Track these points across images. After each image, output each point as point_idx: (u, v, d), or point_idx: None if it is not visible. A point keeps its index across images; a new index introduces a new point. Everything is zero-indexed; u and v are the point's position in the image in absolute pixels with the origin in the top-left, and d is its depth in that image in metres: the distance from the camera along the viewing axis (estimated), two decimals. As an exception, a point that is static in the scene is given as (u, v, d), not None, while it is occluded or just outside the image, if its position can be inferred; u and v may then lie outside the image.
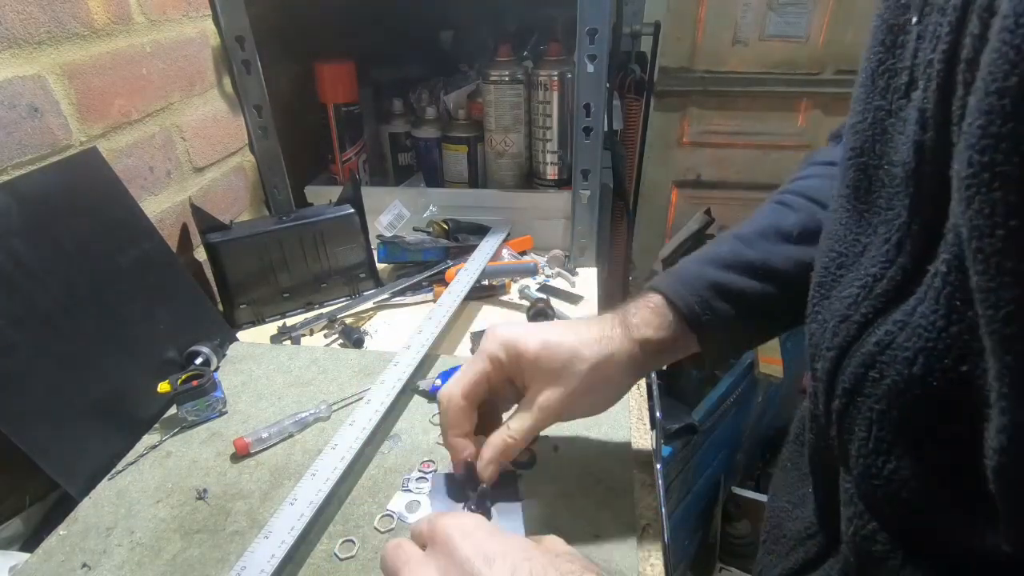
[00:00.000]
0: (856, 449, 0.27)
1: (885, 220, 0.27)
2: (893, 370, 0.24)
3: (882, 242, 0.27)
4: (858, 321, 0.27)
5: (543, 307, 0.76)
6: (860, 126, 0.28)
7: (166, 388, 0.58)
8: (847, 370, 0.27)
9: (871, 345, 0.26)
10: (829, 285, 0.31)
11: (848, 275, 0.29)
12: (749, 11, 1.79)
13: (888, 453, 0.25)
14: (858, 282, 0.28)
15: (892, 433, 0.25)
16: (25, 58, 0.56)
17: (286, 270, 0.79)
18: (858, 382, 0.26)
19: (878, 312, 0.26)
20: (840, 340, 0.28)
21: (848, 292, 0.28)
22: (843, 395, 0.28)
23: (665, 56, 1.83)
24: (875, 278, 0.27)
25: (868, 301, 0.27)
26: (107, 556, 0.47)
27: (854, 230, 0.29)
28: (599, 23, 0.73)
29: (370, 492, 0.52)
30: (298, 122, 1.00)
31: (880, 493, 0.25)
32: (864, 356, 0.26)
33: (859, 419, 0.26)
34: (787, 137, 1.95)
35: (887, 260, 0.26)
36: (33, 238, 0.54)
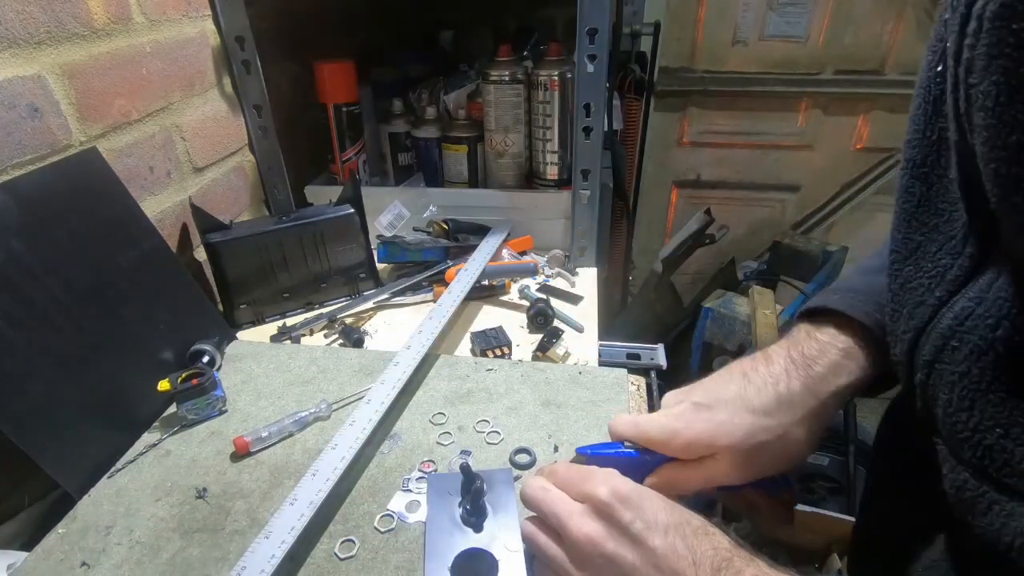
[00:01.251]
0: (942, 411, 0.31)
1: (949, 220, 0.31)
2: (976, 335, 0.28)
3: (947, 238, 0.32)
4: (933, 304, 0.32)
5: (543, 307, 0.76)
6: (921, 142, 0.32)
7: (166, 387, 0.58)
8: (926, 346, 0.32)
9: (949, 320, 0.30)
10: (891, 280, 0.36)
11: (905, 269, 0.34)
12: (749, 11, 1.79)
13: (971, 408, 0.29)
14: (926, 273, 0.33)
15: (972, 391, 0.29)
16: (25, 58, 0.56)
17: (286, 270, 0.79)
18: (938, 352, 0.31)
19: (951, 294, 0.31)
20: (916, 322, 0.33)
21: (917, 283, 0.33)
22: (924, 367, 0.32)
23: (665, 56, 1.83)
24: (945, 268, 0.31)
25: (941, 287, 0.31)
26: (106, 555, 0.47)
27: (903, 230, 0.34)
28: (599, 23, 0.73)
29: (370, 492, 0.52)
30: (298, 122, 1.00)
31: (967, 445, 0.29)
32: (944, 330, 0.30)
33: (942, 384, 0.31)
34: (787, 137, 1.95)
35: (955, 252, 0.31)
36: (33, 238, 0.54)
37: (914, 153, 0.33)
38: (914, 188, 0.33)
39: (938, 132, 0.31)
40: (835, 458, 1.69)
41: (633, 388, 0.63)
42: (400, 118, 1.04)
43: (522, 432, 0.58)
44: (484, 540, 0.43)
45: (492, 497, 0.45)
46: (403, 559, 0.46)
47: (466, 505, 0.44)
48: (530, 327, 0.77)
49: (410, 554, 0.46)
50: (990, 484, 0.29)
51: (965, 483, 0.30)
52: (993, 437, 0.28)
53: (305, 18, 1.02)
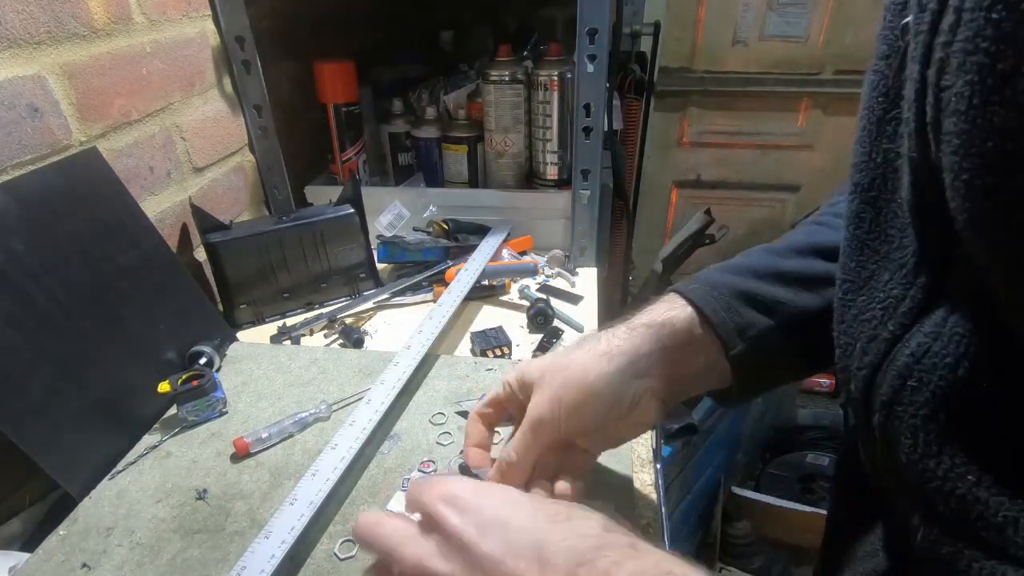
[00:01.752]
0: (905, 457, 0.28)
1: (899, 247, 0.29)
2: (936, 375, 0.26)
3: (898, 267, 0.29)
4: (886, 338, 0.29)
5: (543, 307, 0.76)
6: (867, 165, 0.31)
7: (166, 388, 0.58)
8: (883, 384, 0.29)
9: (905, 356, 0.28)
10: (842, 311, 0.33)
11: (858, 299, 0.32)
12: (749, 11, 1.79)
13: (939, 454, 0.26)
14: (878, 304, 0.30)
15: (939, 435, 0.26)
16: (25, 58, 0.56)
17: (286, 270, 0.79)
18: (896, 393, 0.28)
19: (905, 328, 0.29)
20: (871, 358, 0.30)
21: (869, 315, 0.31)
22: (882, 408, 0.29)
23: (665, 56, 1.83)
24: (897, 299, 0.29)
25: (893, 320, 0.29)
26: (107, 556, 0.47)
27: (855, 258, 0.32)
28: (599, 23, 0.73)
29: (370, 492, 0.52)
30: (298, 122, 1.00)
31: (938, 495, 0.27)
32: (899, 368, 0.28)
33: (903, 428, 0.28)
34: (787, 137, 1.95)
35: (907, 282, 0.29)
36: (33, 238, 0.54)
37: (861, 177, 0.31)
38: (864, 213, 0.31)
39: (883, 154, 0.30)
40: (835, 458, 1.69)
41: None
42: (400, 118, 1.04)
43: (522, 432, 0.58)
44: None
45: None
46: (403, 560, 0.46)
47: None
48: (530, 327, 0.77)
49: (410, 555, 0.46)
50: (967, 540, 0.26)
51: (939, 539, 0.27)
52: (965, 486, 0.25)
53: (305, 18, 1.02)
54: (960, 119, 0.21)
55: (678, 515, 1.41)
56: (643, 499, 0.51)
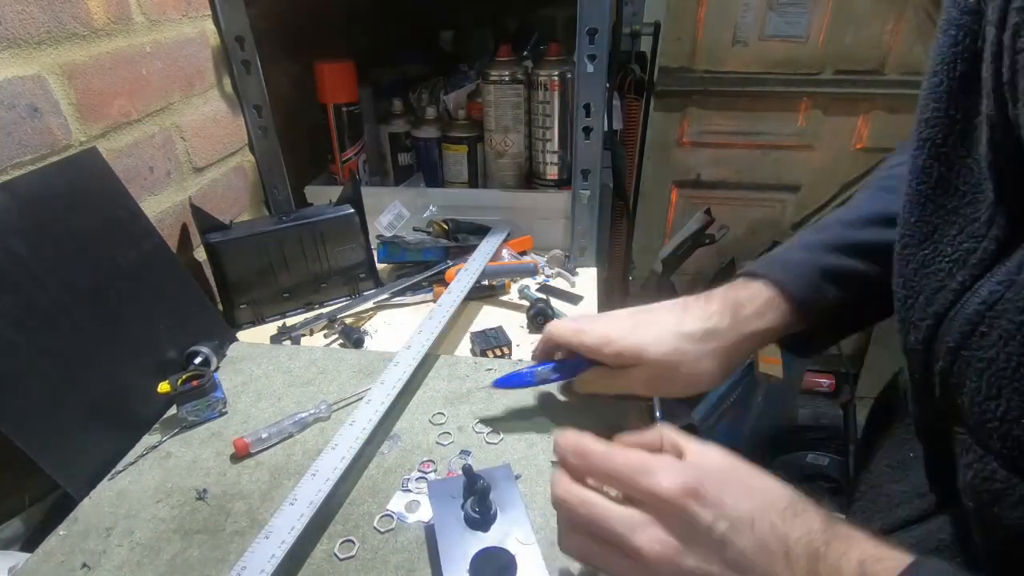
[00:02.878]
0: (968, 399, 0.30)
1: (971, 202, 0.31)
2: (1004, 320, 0.28)
3: (969, 221, 0.31)
4: (954, 289, 0.31)
5: (543, 307, 0.76)
6: (942, 120, 0.31)
7: (166, 388, 0.58)
8: (950, 332, 0.31)
9: (976, 304, 0.29)
10: (901, 265, 0.35)
11: (919, 253, 0.33)
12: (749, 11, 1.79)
13: (998, 396, 0.28)
14: (946, 258, 0.32)
15: (1002, 377, 0.28)
16: (25, 58, 0.56)
17: (286, 270, 0.79)
18: (965, 338, 0.30)
19: (975, 278, 0.30)
20: (937, 308, 0.32)
21: (935, 267, 0.32)
22: (948, 354, 0.31)
23: (665, 56, 1.83)
24: (968, 251, 0.31)
25: (963, 271, 0.31)
26: (107, 556, 0.47)
27: (918, 213, 0.33)
28: (599, 23, 0.73)
29: (370, 492, 0.52)
30: (298, 122, 1.00)
31: (996, 435, 0.28)
32: (970, 315, 0.30)
33: (969, 371, 0.30)
34: (787, 137, 1.95)
35: (979, 235, 0.30)
36: (33, 238, 0.54)
37: (933, 132, 0.32)
38: (932, 169, 0.32)
39: (963, 111, 0.30)
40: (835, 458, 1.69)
41: (633, 388, 0.63)
42: (400, 118, 1.03)
43: (521, 432, 0.58)
44: (496, 538, 0.43)
45: (495, 495, 0.46)
46: (403, 559, 0.46)
47: (473, 507, 0.44)
48: (530, 327, 0.77)
49: (410, 554, 0.46)
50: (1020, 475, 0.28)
51: (994, 473, 0.29)
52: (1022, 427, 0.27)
53: (305, 18, 1.02)
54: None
55: (678, 515, 1.40)
56: (643, 499, 0.51)
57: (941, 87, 0.31)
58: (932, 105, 0.32)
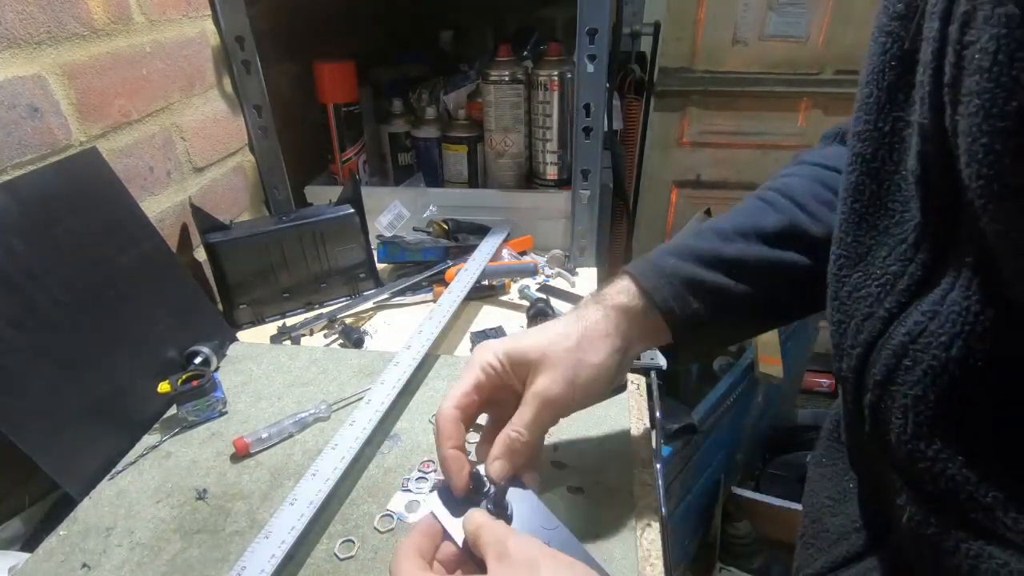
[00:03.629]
0: (895, 437, 0.28)
1: (900, 221, 0.29)
2: (929, 355, 0.26)
3: (897, 242, 0.29)
4: (883, 316, 0.29)
5: (543, 307, 0.76)
6: (872, 134, 0.30)
7: (166, 388, 0.58)
8: (877, 364, 0.29)
9: (901, 336, 0.27)
10: (836, 287, 0.33)
11: (853, 275, 0.31)
12: (749, 11, 1.79)
13: (930, 436, 0.26)
14: (875, 281, 0.30)
15: (931, 416, 0.26)
16: (25, 58, 0.56)
17: (286, 270, 0.79)
18: (890, 372, 0.28)
19: (902, 306, 0.28)
20: (866, 336, 0.30)
21: (865, 292, 0.30)
22: (875, 388, 0.29)
23: (665, 56, 1.83)
24: (895, 275, 0.29)
25: (891, 297, 0.29)
26: (107, 556, 0.47)
27: (852, 232, 0.31)
28: (599, 23, 0.73)
29: (370, 492, 0.52)
30: (298, 122, 1.00)
31: (927, 476, 0.26)
32: (895, 347, 0.28)
33: (894, 408, 0.28)
34: (787, 137, 1.95)
35: (905, 258, 0.28)
36: (33, 238, 0.54)
37: (864, 147, 0.30)
38: (863, 186, 0.30)
39: (891, 122, 0.29)
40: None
41: (633, 387, 0.63)
42: (400, 118, 1.03)
43: (522, 432, 0.58)
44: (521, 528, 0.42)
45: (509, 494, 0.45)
46: (403, 560, 0.46)
47: (488, 506, 0.43)
48: (530, 327, 0.77)
49: (410, 555, 0.46)
50: (955, 521, 0.26)
51: (926, 519, 0.27)
52: (955, 467, 0.25)
53: (305, 18, 1.02)
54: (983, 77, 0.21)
55: (678, 515, 1.40)
56: (643, 499, 0.51)
57: (871, 99, 0.30)
58: (863, 118, 0.30)
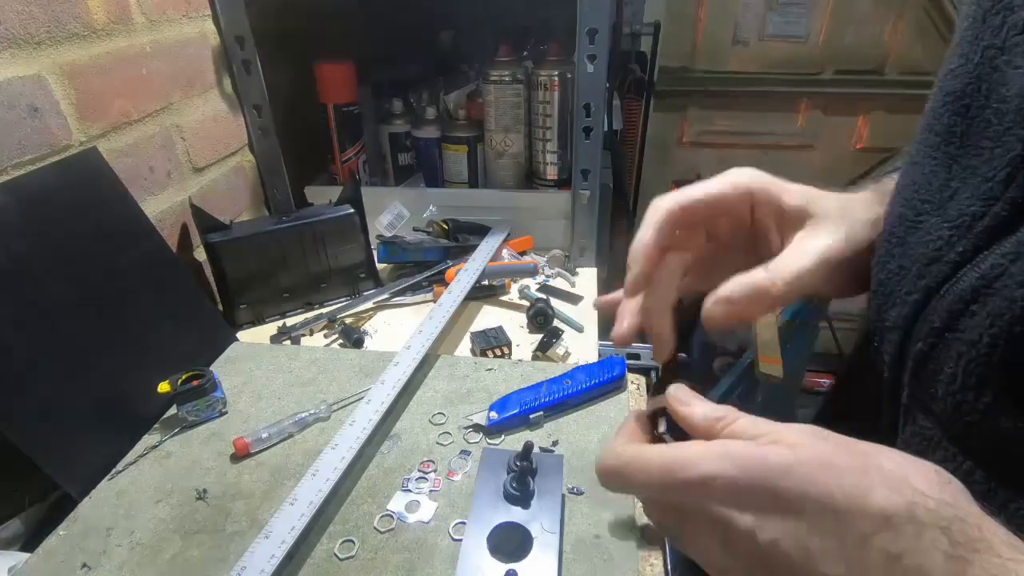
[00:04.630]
0: (943, 388, 0.26)
1: (989, 159, 0.26)
2: (1000, 298, 0.24)
3: (982, 180, 0.26)
4: (953, 260, 0.27)
5: (543, 307, 0.76)
6: (963, 70, 0.28)
7: (166, 388, 0.58)
8: (939, 309, 0.27)
9: (974, 279, 0.25)
10: (904, 233, 0.30)
11: (931, 220, 0.29)
12: (749, 11, 1.79)
13: (981, 386, 0.24)
14: (948, 223, 0.27)
15: (984, 364, 0.24)
16: (25, 58, 0.56)
17: (286, 270, 0.79)
18: (952, 319, 0.26)
19: (978, 249, 0.26)
20: (928, 282, 0.27)
21: (936, 235, 0.28)
22: (931, 335, 0.27)
23: (665, 56, 1.83)
24: (974, 216, 0.26)
25: (966, 240, 0.26)
26: (107, 556, 0.47)
27: (942, 176, 0.29)
28: (599, 23, 0.73)
29: (370, 492, 0.52)
30: (298, 122, 1.00)
31: (975, 429, 0.25)
32: (963, 291, 0.25)
33: (947, 356, 0.26)
34: (787, 137, 1.95)
35: (991, 196, 0.25)
36: (33, 238, 0.54)
37: (954, 84, 0.28)
38: (955, 126, 0.28)
39: (981, 51, 0.27)
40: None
41: (633, 387, 0.63)
42: (400, 118, 1.03)
43: (522, 432, 0.58)
44: (526, 517, 0.45)
45: (540, 479, 0.47)
46: (403, 559, 0.46)
47: (512, 483, 0.45)
48: (530, 327, 0.77)
49: (410, 554, 0.46)
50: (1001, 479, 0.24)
51: (970, 475, 0.25)
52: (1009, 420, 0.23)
53: (305, 18, 1.02)
54: None
55: (678, 515, 1.40)
56: (643, 499, 0.51)
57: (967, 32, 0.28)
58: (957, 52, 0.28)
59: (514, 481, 0.46)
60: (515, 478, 0.46)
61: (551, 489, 0.47)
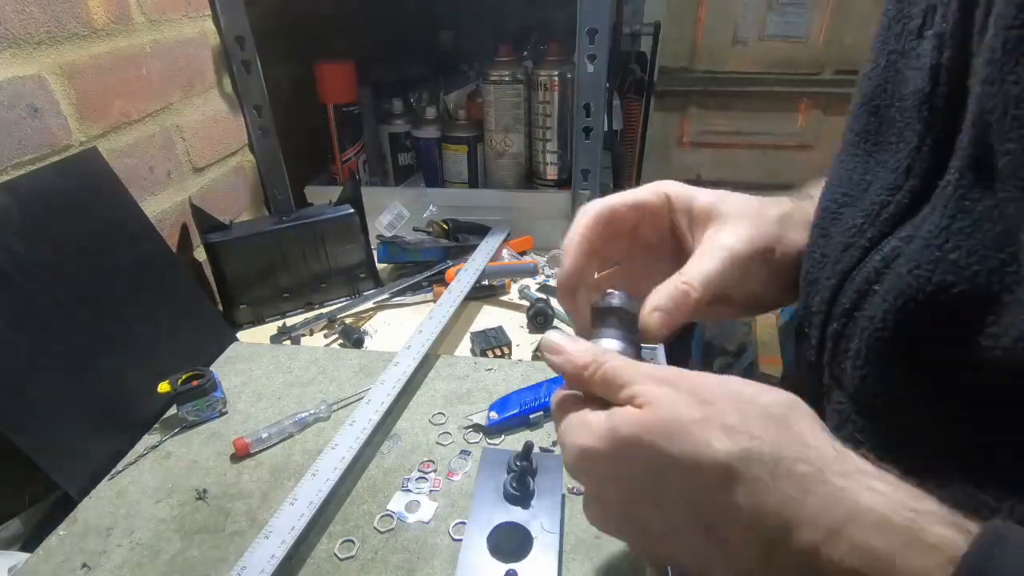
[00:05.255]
0: (851, 363, 0.28)
1: (895, 152, 0.28)
2: (895, 276, 0.25)
3: (888, 172, 0.28)
4: (863, 246, 0.29)
5: (543, 307, 0.76)
6: (873, 72, 0.30)
7: (166, 388, 0.58)
8: (849, 292, 0.29)
9: (876, 262, 0.27)
10: (828, 222, 0.32)
11: (849, 211, 0.31)
12: (749, 11, 1.79)
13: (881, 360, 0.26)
14: (862, 213, 0.29)
15: (883, 340, 0.26)
16: (25, 58, 0.56)
17: (286, 270, 0.79)
18: (859, 300, 0.28)
19: (884, 235, 0.28)
20: (842, 267, 0.29)
21: (851, 223, 0.30)
22: (842, 315, 0.29)
23: (665, 56, 1.83)
24: (881, 205, 0.28)
25: (874, 227, 0.28)
26: (107, 556, 0.47)
27: (860, 171, 0.31)
28: (599, 23, 0.73)
29: (370, 492, 0.52)
30: (298, 122, 1.00)
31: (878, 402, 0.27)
32: (867, 273, 0.27)
33: (855, 333, 0.28)
34: (787, 137, 1.95)
35: (894, 186, 0.28)
36: (33, 238, 0.54)
37: (868, 85, 0.30)
38: (870, 125, 0.30)
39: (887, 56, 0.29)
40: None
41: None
42: (400, 118, 1.03)
43: (522, 432, 0.58)
44: (526, 517, 0.45)
45: (540, 479, 0.47)
46: (402, 559, 0.46)
47: (512, 483, 0.45)
48: (530, 327, 0.77)
49: (409, 554, 0.46)
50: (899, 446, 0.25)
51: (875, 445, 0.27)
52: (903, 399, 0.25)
53: (305, 18, 1.02)
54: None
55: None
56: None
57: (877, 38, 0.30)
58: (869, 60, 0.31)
59: (514, 481, 0.46)
60: (515, 478, 0.46)
61: (551, 489, 0.47)
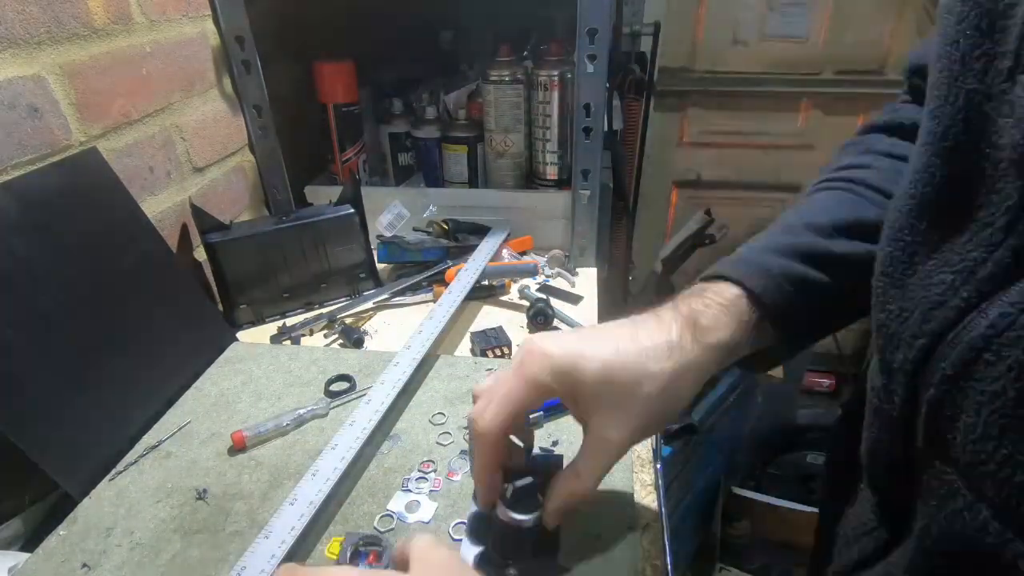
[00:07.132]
0: (962, 436, 0.26)
1: (985, 204, 0.26)
2: (1018, 350, 0.24)
3: (981, 226, 0.26)
4: (957, 306, 0.27)
5: (543, 307, 0.76)
6: (941, 111, 0.28)
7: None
8: (949, 356, 0.27)
9: (983, 328, 0.25)
10: (901, 273, 0.31)
11: (928, 263, 0.29)
12: (749, 11, 1.79)
13: (1000, 437, 0.24)
14: (951, 268, 0.28)
15: (1005, 416, 0.24)
16: (25, 58, 0.56)
17: (286, 270, 0.79)
18: (966, 367, 0.26)
19: (983, 296, 0.26)
20: (934, 326, 0.28)
21: (939, 279, 0.28)
22: (943, 382, 0.27)
23: (665, 56, 1.83)
24: (976, 262, 0.26)
25: (968, 285, 0.27)
26: (107, 556, 0.47)
27: (928, 217, 0.29)
28: (599, 23, 0.73)
29: (370, 492, 0.52)
30: (298, 122, 1.00)
31: (991, 481, 0.25)
32: (975, 340, 0.26)
33: (966, 404, 0.26)
34: (787, 137, 1.95)
35: (992, 243, 0.26)
36: (33, 238, 0.54)
37: (935, 125, 0.28)
38: (933, 168, 0.28)
39: (965, 95, 0.27)
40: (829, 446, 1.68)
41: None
42: (400, 118, 1.03)
43: (522, 432, 0.58)
44: None
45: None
46: (403, 560, 0.46)
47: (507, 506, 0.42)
48: (530, 327, 0.77)
49: (410, 555, 0.46)
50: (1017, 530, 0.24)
51: (985, 526, 0.26)
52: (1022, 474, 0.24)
53: (305, 18, 1.02)
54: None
55: (678, 515, 1.40)
56: (643, 499, 0.51)
57: (943, 73, 0.28)
58: (935, 94, 0.28)
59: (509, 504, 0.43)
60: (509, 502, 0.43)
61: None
